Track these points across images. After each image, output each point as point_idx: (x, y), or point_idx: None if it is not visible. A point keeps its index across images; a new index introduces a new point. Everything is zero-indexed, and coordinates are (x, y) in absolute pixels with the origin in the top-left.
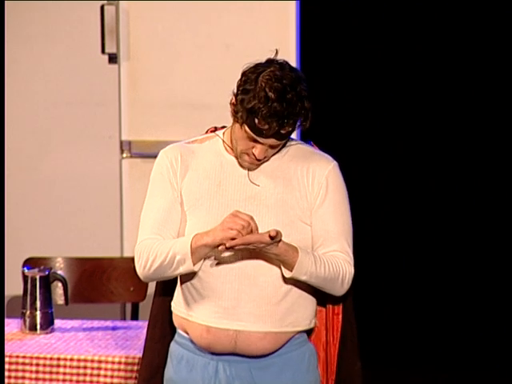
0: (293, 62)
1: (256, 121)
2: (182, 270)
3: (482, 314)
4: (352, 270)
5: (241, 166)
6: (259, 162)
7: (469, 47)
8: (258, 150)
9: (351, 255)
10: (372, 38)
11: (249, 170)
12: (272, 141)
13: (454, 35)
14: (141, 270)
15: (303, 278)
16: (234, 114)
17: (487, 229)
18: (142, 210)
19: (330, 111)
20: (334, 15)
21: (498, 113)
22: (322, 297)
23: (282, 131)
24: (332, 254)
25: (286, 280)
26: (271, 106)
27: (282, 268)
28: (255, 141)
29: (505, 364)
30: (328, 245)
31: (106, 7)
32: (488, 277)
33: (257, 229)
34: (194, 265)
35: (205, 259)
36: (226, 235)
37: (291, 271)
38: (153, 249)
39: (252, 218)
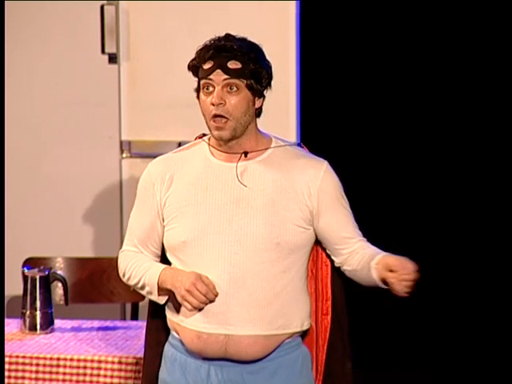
0: (293, 62)
1: (201, 67)
2: (152, 298)
3: (482, 314)
4: None
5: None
6: (222, 114)
7: (469, 47)
8: (215, 98)
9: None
10: (372, 38)
11: (221, 138)
12: (220, 75)
13: (454, 35)
14: (121, 277)
15: None
16: (196, 92)
17: (487, 229)
18: (130, 217)
19: (329, 111)
20: (333, 15)
21: (498, 113)
22: (312, 298)
23: (229, 65)
24: (362, 250)
25: (275, 283)
26: (210, 46)
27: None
28: (211, 93)
29: (505, 364)
30: (350, 245)
31: (105, 7)
32: (488, 277)
33: (216, 296)
34: (159, 297)
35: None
36: (182, 302)
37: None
38: (128, 267)
39: (210, 290)
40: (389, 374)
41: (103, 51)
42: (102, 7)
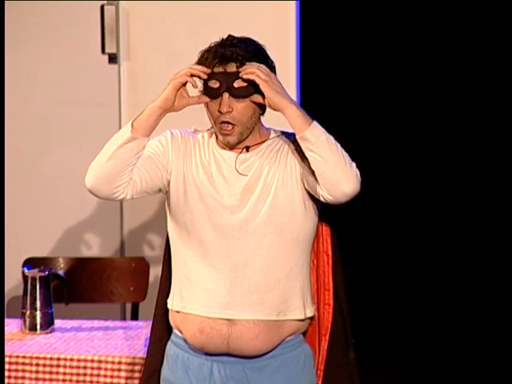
0: (293, 61)
1: (207, 83)
2: (124, 140)
3: (482, 314)
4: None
5: (229, 149)
6: (229, 121)
7: (469, 47)
8: (222, 106)
9: None
10: (372, 38)
11: (229, 143)
12: (227, 96)
13: (454, 35)
14: (99, 168)
15: (322, 136)
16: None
17: (486, 229)
18: None
19: (329, 111)
20: (333, 15)
21: (498, 113)
22: (314, 288)
23: (235, 85)
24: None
25: (276, 268)
26: (217, 50)
27: (298, 126)
28: (218, 103)
29: (505, 364)
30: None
31: (105, 7)
32: (488, 277)
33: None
34: (132, 130)
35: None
36: (181, 75)
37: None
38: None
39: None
40: (387, 374)
41: (103, 51)
42: (102, 7)
